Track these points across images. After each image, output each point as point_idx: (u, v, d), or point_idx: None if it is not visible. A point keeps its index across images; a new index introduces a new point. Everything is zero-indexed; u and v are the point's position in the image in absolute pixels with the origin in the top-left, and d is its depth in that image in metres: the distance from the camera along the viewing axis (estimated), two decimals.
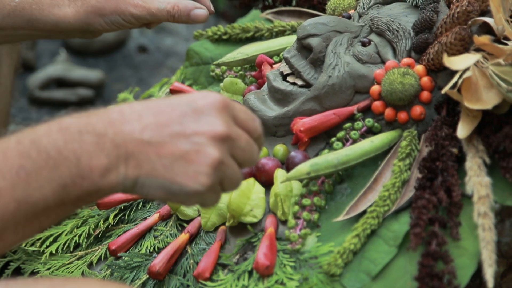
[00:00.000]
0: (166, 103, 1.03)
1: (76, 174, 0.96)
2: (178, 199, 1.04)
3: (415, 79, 1.26)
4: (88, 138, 0.97)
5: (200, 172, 1.00)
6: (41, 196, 0.95)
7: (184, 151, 1.00)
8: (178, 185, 1.00)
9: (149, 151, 0.99)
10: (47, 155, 0.95)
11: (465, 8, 1.23)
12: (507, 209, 1.14)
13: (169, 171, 1.00)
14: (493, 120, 1.18)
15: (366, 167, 1.29)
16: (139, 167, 0.99)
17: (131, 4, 1.45)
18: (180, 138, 1.00)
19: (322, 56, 1.34)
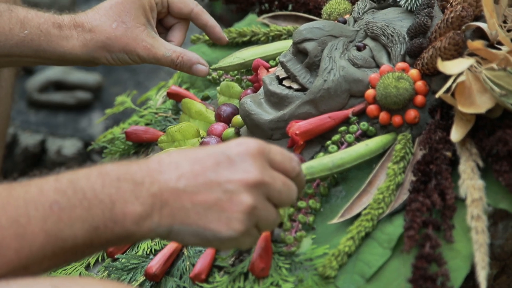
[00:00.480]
0: (203, 152, 1.05)
1: (109, 218, 0.98)
2: (213, 245, 1.09)
3: (410, 83, 1.26)
4: (125, 186, 1.00)
5: (233, 219, 1.02)
6: (71, 234, 0.96)
7: (217, 199, 1.02)
8: (212, 232, 1.02)
9: (183, 199, 1.01)
10: (83, 195, 0.97)
11: (459, 13, 1.23)
12: (500, 212, 1.14)
13: (202, 219, 1.02)
14: (486, 124, 1.18)
15: (361, 170, 1.29)
16: (173, 216, 1.01)
17: (139, 46, 1.47)
18: (214, 186, 1.02)
19: (317, 60, 1.34)
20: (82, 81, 2.99)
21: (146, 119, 1.72)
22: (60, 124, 2.93)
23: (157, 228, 1.01)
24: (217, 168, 1.04)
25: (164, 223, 1.01)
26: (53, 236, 0.95)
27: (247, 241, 1.06)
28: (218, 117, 1.52)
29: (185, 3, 1.53)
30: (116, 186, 1.00)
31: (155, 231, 1.01)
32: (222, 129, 1.48)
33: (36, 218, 0.95)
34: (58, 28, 1.46)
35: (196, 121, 1.55)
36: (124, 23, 1.47)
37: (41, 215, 0.95)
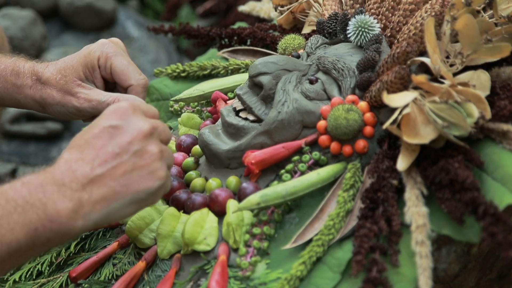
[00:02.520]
0: (91, 136, 1.11)
1: (44, 219, 1.03)
2: (149, 202, 1.14)
3: (359, 115, 1.27)
4: (49, 189, 1.04)
5: (153, 170, 1.11)
6: (14, 238, 1.01)
7: (132, 163, 1.10)
8: (143, 191, 1.10)
9: (106, 181, 1.08)
10: (15, 203, 1.02)
11: (404, 49, 1.24)
12: (443, 237, 1.14)
13: (131, 186, 1.09)
14: (430, 154, 1.19)
15: (313, 198, 1.29)
16: (104, 199, 1.07)
17: (75, 97, 1.46)
18: (122, 155, 1.09)
19: (272, 93, 1.35)
20: None
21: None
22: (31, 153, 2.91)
23: (92, 216, 1.07)
24: (113, 139, 1.10)
25: (98, 209, 1.07)
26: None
27: (168, 182, 1.15)
28: (179, 147, 1.51)
29: (127, 77, 1.48)
30: (42, 191, 1.04)
31: (92, 220, 1.07)
32: (182, 158, 1.48)
33: None
34: (16, 75, 1.48)
35: None
36: (64, 77, 1.46)
37: None
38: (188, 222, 1.28)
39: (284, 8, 1.73)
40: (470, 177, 1.09)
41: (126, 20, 3.75)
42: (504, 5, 1.26)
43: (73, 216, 1.05)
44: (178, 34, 1.91)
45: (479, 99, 1.16)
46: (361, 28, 1.37)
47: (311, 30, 1.65)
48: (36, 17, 3.37)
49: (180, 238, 1.31)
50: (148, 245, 1.37)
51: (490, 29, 1.22)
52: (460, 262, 1.18)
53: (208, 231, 1.29)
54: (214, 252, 1.29)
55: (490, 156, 1.14)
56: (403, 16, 1.35)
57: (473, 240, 1.08)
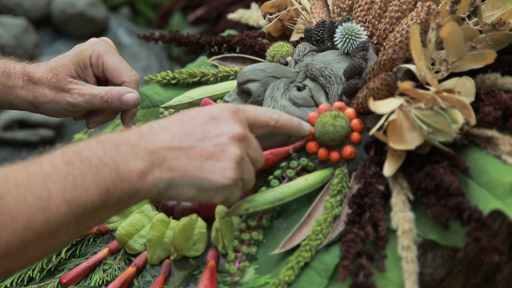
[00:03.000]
0: (187, 116, 1.13)
1: (116, 178, 1.04)
2: (208, 196, 1.12)
3: (346, 121, 1.27)
4: (123, 148, 1.06)
5: (226, 168, 1.11)
6: (88, 198, 1.02)
7: (211, 152, 1.10)
8: (209, 181, 1.10)
9: (180, 155, 1.09)
10: (90, 162, 1.03)
11: (391, 56, 1.24)
12: (429, 242, 1.14)
13: (200, 170, 1.09)
14: (416, 160, 1.19)
15: (301, 203, 1.29)
16: (172, 170, 1.08)
17: (68, 94, 1.46)
18: (205, 141, 1.10)
19: (260, 100, 1.35)
20: (45, 119, 2.98)
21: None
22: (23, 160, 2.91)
23: (159, 183, 1.07)
24: (205, 126, 1.11)
25: (165, 176, 1.07)
26: (73, 203, 1.01)
27: (236, 192, 1.14)
28: None
29: (119, 74, 1.49)
30: (115, 150, 1.05)
31: (157, 186, 1.07)
32: None
33: (56, 190, 0.99)
34: (7, 76, 1.48)
35: None
36: (56, 75, 1.46)
37: (59, 187, 1.00)
38: (177, 228, 1.28)
39: (273, 16, 1.73)
40: (455, 182, 1.09)
41: (118, 28, 3.75)
42: (488, 13, 1.27)
43: (142, 177, 1.06)
44: (168, 42, 1.91)
45: (464, 105, 1.16)
46: (348, 35, 1.38)
47: (299, 38, 1.65)
48: (28, 25, 3.37)
49: (169, 244, 1.31)
50: (138, 251, 1.37)
51: (475, 37, 1.22)
52: (446, 267, 1.18)
53: (197, 236, 1.29)
54: (203, 257, 1.29)
55: (475, 161, 1.15)
56: (389, 23, 1.35)
57: (458, 245, 1.08)
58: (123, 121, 1.51)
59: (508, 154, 1.11)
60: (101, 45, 1.49)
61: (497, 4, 1.26)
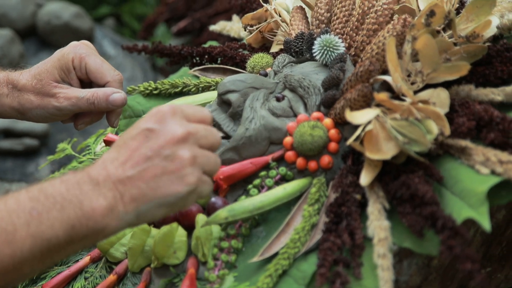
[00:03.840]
0: (129, 137, 1.10)
1: (81, 215, 1.03)
2: (179, 206, 1.11)
3: (324, 131, 1.27)
4: (86, 187, 1.05)
5: (183, 176, 1.08)
6: (53, 233, 1.02)
7: (162, 167, 1.07)
8: (172, 195, 1.07)
9: (137, 183, 1.06)
10: (54, 199, 1.03)
11: (367, 67, 1.24)
12: (404, 250, 1.14)
13: (159, 189, 1.07)
14: (392, 169, 1.19)
15: (280, 212, 1.28)
16: (134, 200, 1.06)
17: (54, 98, 1.46)
18: (153, 158, 1.07)
19: (240, 110, 1.35)
20: (30, 128, 2.96)
21: (85, 165, 1.70)
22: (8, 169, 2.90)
23: (125, 216, 1.06)
24: (147, 142, 1.08)
25: (130, 209, 1.06)
26: (38, 238, 1.01)
27: (205, 188, 1.11)
28: None
29: (103, 75, 1.48)
30: (78, 188, 1.05)
31: (124, 220, 1.06)
32: None
33: (21, 224, 1.00)
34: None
35: None
36: (40, 81, 1.46)
37: (23, 221, 1.00)
38: (158, 236, 1.28)
39: (253, 28, 1.73)
40: (430, 192, 1.09)
41: (103, 39, 3.75)
42: (462, 26, 1.27)
43: (107, 214, 1.05)
44: (151, 53, 1.91)
45: (438, 116, 1.16)
46: (326, 47, 1.38)
47: (279, 49, 1.65)
48: (14, 36, 3.36)
49: (150, 252, 1.30)
50: (119, 259, 1.36)
51: (449, 49, 1.23)
52: (421, 274, 1.19)
53: (178, 245, 1.29)
54: (183, 265, 1.29)
55: (449, 171, 1.15)
56: (366, 36, 1.36)
57: (433, 253, 1.08)
58: (109, 120, 1.51)
59: (481, 164, 1.12)
60: (82, 48, 1.49)
61: (471, 17, 1.27)
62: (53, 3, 3.64)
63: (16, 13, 3.53)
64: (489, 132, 1.16)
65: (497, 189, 1.08)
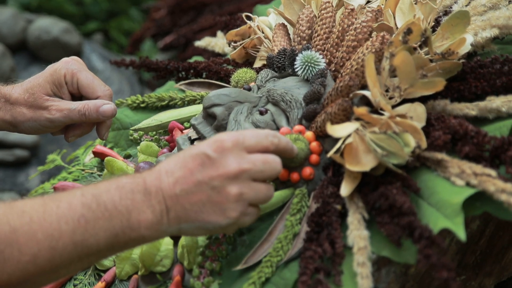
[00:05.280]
0: (188, 154, 1.11)
1: (126, 226, 1.05)
2: (217, 232, 1.16)
3: (305, 144, 1.27)
4: (138, 197, 1.07)
5: (226, 209, 1.09)
6: (95, 242, 1.04)
7: (208, 196, 1.08)
8: (212, 223, 1.09)
9: (183, 202, 1.08)
10: (105, 207, 1.05)
11: (347, 82, 1.25)
12: (382, 259, 1.14)
13: (201, 215, 1.09)
14: (371, 181, 1.19)
15: (263, 221, 1.28)
16: (178, 218, 1.08)
17: (46, 111, 1.45)
18: (203, 185, 1.09)
19: (225, 123, 1.35)
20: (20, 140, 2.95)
21: (74, 175, 1.70)
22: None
23: (168, 229, 1.08)
24: (202, 168, 1.09)
25: (173, 224, 1.08)
26: (80, 245, 1.03)
27: (247, 220, 1.12)
28: None
29: (94, 90, 1.48)
30: (131, 198, 1.06)
31: (167, 232, 1.09)
32: None
33: (67, 232, 1.02)
34: None
35: None
36: (33, 95, 1.45)
37: (71, 228, 1.02)
38: (144, 245, 1.27)
39: (237, 44, 1.74)
40: (407, 202, 1.09)
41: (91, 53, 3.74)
42: (438, 43, 1.28)
43: (151, 227, 1.07)
44: (138, 68, 1.91)
45: (415, 130, 1.17)
46: (307, 63, 1.38)
47: (262, 64, 1.66)
48: (5, 50, 3.35)
49: (137, 260, 1.30)
50: (107, 266, 1.35)
51: (426, 65, 1.23)
52: (398, 282, 1.19)
53: (164, 253, 1.29)
54: (170, 273, 1.28)
55: (426, 182, 1.15)
56: (346, 52, 1.36)
57: (410, 262, 1.08)
58: (98, 133, 1.51)
59: (456, 176, 1.12)
60: (74, 64, 1.49)
61: (446, 35, 1.27)
62: (43, 19, 3.63)
63: (7, 28, 3.52)
64: (464, 145, 1.16)
65: (472, 200, 1.09)
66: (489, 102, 1.22)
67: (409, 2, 1.34)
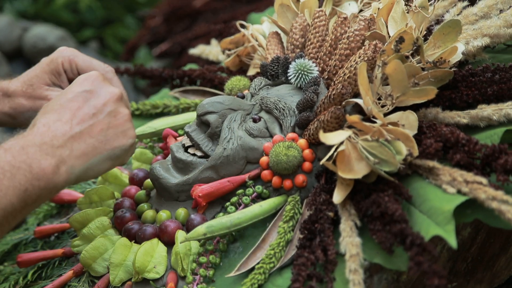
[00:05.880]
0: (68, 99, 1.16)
1: (32, 178, 1.06)
2: (121, 159, 1.20)
3: (298, 151, 1.27)
4: (31, 150, 1.07)
5: (125, 130, 1.18)
6: (8, 202, 1.04)
7: (107, 122, 1.16)
8: (118, 148, 1.17)
9: (85, 138, 1.13)
10: (2, 169, 1.05)
11: (340, 90, 1.25)
12: (374, 266, 1.14)
13: (107, 142, 1.15)
14: (363, 188, 1.19)
15: (256, 228, 1.28)
16: (84, 154, 1.12)
17: (45, 100, 1.44)
18: (98, 115, 1.15)
19: (218, 131, 1.35)
20: None
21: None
22: None
23: (74, 170, 1.11)
24: (88, 102, 1.16)
25: (79, 163, 1.11)
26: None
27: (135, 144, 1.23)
28: (132, 181, 1.50)
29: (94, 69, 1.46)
30: (24, 153, 1.07)
31: (74, 174, 1.11)
32: (134, 191, 1.46)
33: None
34: None
35: (112, 184, 1.53)
36: (31, 86, 1.44)
37: None
38: (138, 252, 1.27)
39: (231, 52, 1.74)
40: (399, 210, 1.09)
41: None
42: (430, 52, 1.28)
43: (57, 171, 1.08)
44: (133, 75, 1.91)
45: (407, 137, 1.17)
46: (301, 71, 1.38)
47: (256, 72, 1.66)
48: (1, 58, 3.34)
49: (131, 267, 1.29)
50: (101, 273, 1.35)
51: (418, 74, 1.24)
52: None
53: (158, 260, 1.28)
54: (163, 279, 1.28)
55: (418, 190, 1.15)
56: (339, 60, 1.36)
57: (402, 269, 1.08)
58: None
59: (448, 183, 1.12)
60: (69, 51, 1.48)
61: (438, 44, 1.28)
62: (38, 27, 3.63)
63: (3, 36, 3.51)
64: (455, 153, 1.16)
65: (463, 207, 1.09)
66: (480, 110, 1.23)
67: (401, 11, 1.34)
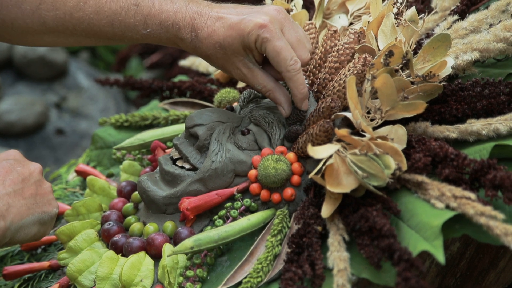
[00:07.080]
0: None
1: None
2: (47, 226, 1.26)
3: (287, 165, 1.27)
4: None
5: (50, 200, 1.26)
6: None
7: (35, 189, 1.22)
8: (47, 213, 1.24)
9: (18, 198, 1.19)
10: None
11: (329, 104, 1.24)
12: (362, 281, 1.13)
13: (37, 206, 1.22)
14: (351, 202, 1.19)
15: (244, 242, 1.28)
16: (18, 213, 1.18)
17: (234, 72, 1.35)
18: (25, 181, 1.21)
19: (207, 143, 1.34)
20: None
21: (57, 194, 1.68)
22: None
23: (11, 226, 1.17)
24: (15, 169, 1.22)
25: (16, 220, 1.18)
26: None
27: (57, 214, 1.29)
28: (119, 193, 1.49)
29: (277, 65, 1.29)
30: None
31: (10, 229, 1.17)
32: (122, 204, 1.46)
33: None
34: (177, 29, 1.33)
35: (100, 196, 1.52)
36: (223, 49, 1.31)
37: None
38: (125, 265, 1.26)
39: None
40: (387, 225, 1.09)
41: (77, 71, 3.73)
42: (419, 66, 1.28)
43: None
44: (123, 86, 1.90)
45: (396, 152, 1.16)
46: None
47: (245, 85, 1.65)
48: None
49: (118, 280, 1.28)
50: (87, 286, 1.33)
51: (407, 87, 1.23)
52: None
53: (145, 273, 1.27)
54: None
55: (406, 205, 1.15)
56: (328, 73, 1.36)
57: (390, 284, 1.08)
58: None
59: (436, 198, 1.12)
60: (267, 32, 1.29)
61: (427, 58, 1.27)
62: None
63: None
64: (444, 168, 1.16)
65: (452, 222, 1.08)
66: (470, 125, 1.22)
67: (391, 25, 1.34)
